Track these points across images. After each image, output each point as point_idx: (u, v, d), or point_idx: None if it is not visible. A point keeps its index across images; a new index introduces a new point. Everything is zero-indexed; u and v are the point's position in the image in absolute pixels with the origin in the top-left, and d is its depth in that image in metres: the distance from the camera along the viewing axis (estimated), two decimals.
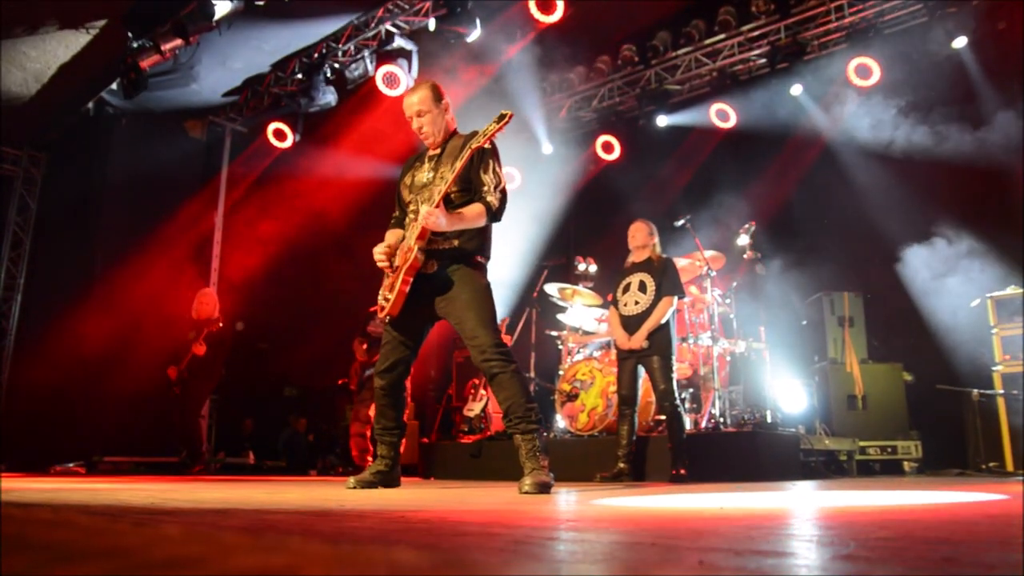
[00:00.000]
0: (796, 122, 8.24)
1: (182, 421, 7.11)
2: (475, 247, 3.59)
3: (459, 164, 3.43)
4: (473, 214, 3.49)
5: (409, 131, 3.78)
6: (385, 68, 8.25)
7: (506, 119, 3.36)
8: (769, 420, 6.18)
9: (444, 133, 3.71)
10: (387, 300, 3.55)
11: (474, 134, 3.53)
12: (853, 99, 7.97)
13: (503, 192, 3.56)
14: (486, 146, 3.44)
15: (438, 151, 3.70)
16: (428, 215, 3.38)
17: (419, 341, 3.73)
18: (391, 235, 3.73)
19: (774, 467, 5.44)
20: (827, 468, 6.43)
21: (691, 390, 6.25)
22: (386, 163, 8.99)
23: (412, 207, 3.65)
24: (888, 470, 6.78)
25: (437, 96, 3.70)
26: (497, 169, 3.58)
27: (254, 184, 9.95)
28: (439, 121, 3.69)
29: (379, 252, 3.62)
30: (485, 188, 3.52)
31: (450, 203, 3.53)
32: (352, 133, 9.18)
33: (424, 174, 3.67)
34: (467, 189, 3.53)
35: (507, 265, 8.58)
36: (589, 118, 9.86)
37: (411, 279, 3.49)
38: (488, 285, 3.58)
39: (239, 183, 9.92)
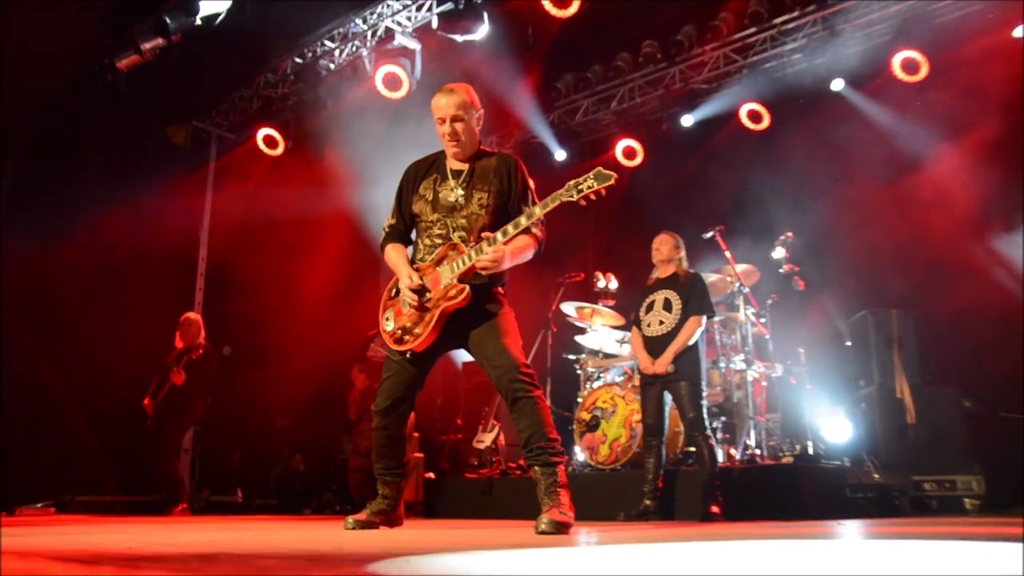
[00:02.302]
0: (837, 121, 8.22)
1: (155, 458, 7.09)
2: (499, 279, 3.59)
3: (540, 211, 3.36)
4: (524, 249, 3.49)
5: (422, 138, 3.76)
6: (386, 68, 8.29)
7: (608, 182, 3.31)
8: (811, 452, 6.14)
9: (473, 146, 3.68)
10: (410, 334, 3.50)
11: (506, 157, 3.56)
12: (898, 95, 7.94)
13: (543, 226, 3.56)
14: (560, 196, 3.36)
15: (464, 167, 3.65)
16: (496, 259, 3.34)
17: (427, 373, 3.71)
18: (397, 253, 3.67)
19: (818, 504, 5.39)
20: (877, 506, 6.34)
21: (723, 419, 6.24)
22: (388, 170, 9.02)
23: (439, 230, 3.59)
24: (947, 508, 6.67)
25: (473, 103, 3.67)
26: (534, 194, 3.58)
27: (244, 195, 9.99)
28: (472, 131, 3.66)
29: (411, 289, 3.51)
30: (528, 216, 3.46)
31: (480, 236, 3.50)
32: (349, 139, 9.21)
33: (451, 192, 3.60)
34: (503, 218, 3.51)
35: (519, 283, 8.54)
36: (608, 121, 9.88)
37: (448, 315, 3.47)
38: (510, 311, 3.58)
39: (227, 194, 9.97)
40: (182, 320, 7.54)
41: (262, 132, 9.36)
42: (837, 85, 8.19)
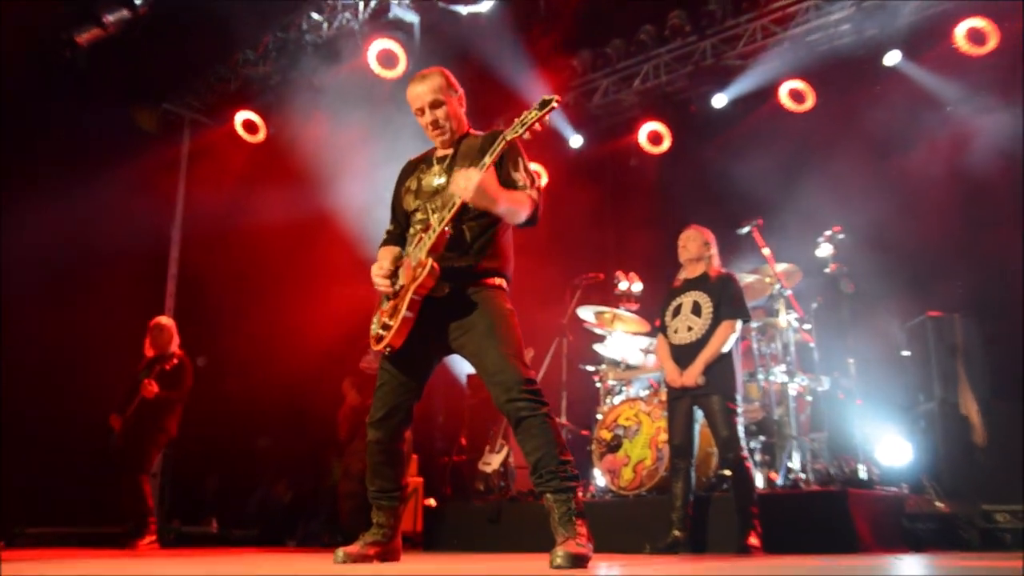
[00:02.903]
0: (891, 101, 8.13)
1: (121, 483, 7.05)
2: (497, 266, 3.62)
3: (489, 159, 3.42)
4: (518, 201, 3.51)
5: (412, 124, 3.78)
6: (380, 44, 8.26)
7: (550, 106, 3.37)
8: (863, 476, 6.11)
9: (461, 129, 3.76)
10: (386, 328, 3.53)
11: (495, 134, 3.57)
12: (963, 69, 7.85)
13: (539, 191, 3.60)
14: (522, 137, 3.45)
15: (449, 151, 3.74)
16: (485, 181, 3.32)
17: (423, 381, 3.73)
18: (386, 253, 3.74)
19: (871, 536, 5.35)
20: (941, 539, 6.26)
21: (762, 438, 6.27)
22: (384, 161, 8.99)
23: (420, 215, 3.68)
24: (1022, 542, 6.58)
25: (451, 84, 3.75)
26: (529, 168, 3.63)
27: (220, 188, 9.98)
28: (456, 114, 3.75)
29: (379, 274, 3.62)
30: (520, 184, 3.56)
31: (465, 217, 3.55)
32: (343, 121, 9.18)
33: (433, 178, 3.70)
34: None
35: (528, 283, 8.50)
36: (630, 102, 9.84)
37: (421, 300, 3.48)
38: (512, 312, 3.59)
39: (202, 186, 9.96)
40: (152, 325, 7.54)
41: (241, 116, 9.37)
42: (892, 59, 8.10)
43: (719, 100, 8.97)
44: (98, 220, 8.71)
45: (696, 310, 5.37)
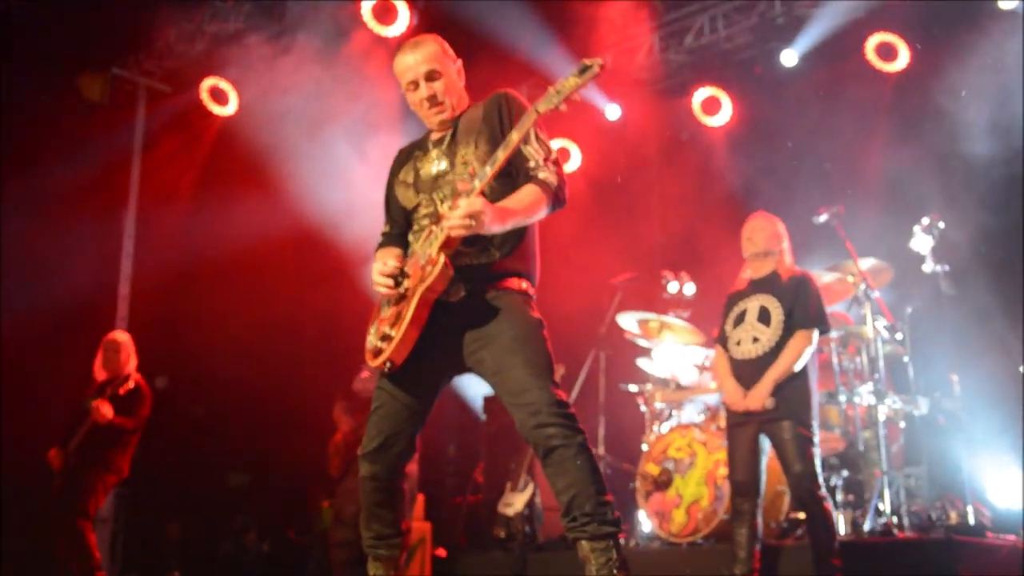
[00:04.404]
0: (1005, 56, 8.03)
1: (62, 530, 7.07)
2: (520, 266, 3.62)
3: (516, 136, 3.38)
4: (528, 202, 3.49)
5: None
6: None
7: (592, 71, 3.32)
8: (972, 520, 6.04)
9: (462, 104, 3.78)
10: (386, 339, 3.52)
11: (498, 99, 3.62)
12: None
13: (558, 165, 3.58)
14: (559, 109, 3.39)
15: (446, 132, 3.75)
16: (468, 211, 3.30)
17: (429, 404, 3.72)
18: (385, 256, 3.75)
19: None
20: None
21: (845, 473, 6.26)
22: (383, 134, 9.02)
23: (424, 209, 3.69)
24: None
25: (447, 51, 3.76)
26: (542, 136, 3.62)
27: (183, 172, 10.03)
28: (455, 86, 3.77)
29: (382, 272, 3.59)
30: (531, 164, 3.54)
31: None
32: (327, 86, 9.20)
33: (432, 164, 3.71)
34: (505, 175, 3.54)
35: (559, 286, 8.50)
36: (681, 62, 9.81)
37: (431, 305, 3.47)
38: (540, 322, 3.58)
39: (161, 168, 10.01)
40: (105, 342, 7.55)
41: (208, 83, 9.39)
42: (1008, 2, 8.00)
43: (789, 58, 8.91)
44: (35, 209, 8.75)
45: (764, 317, 5.36)
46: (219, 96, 9.43)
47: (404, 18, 8.35)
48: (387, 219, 3.93)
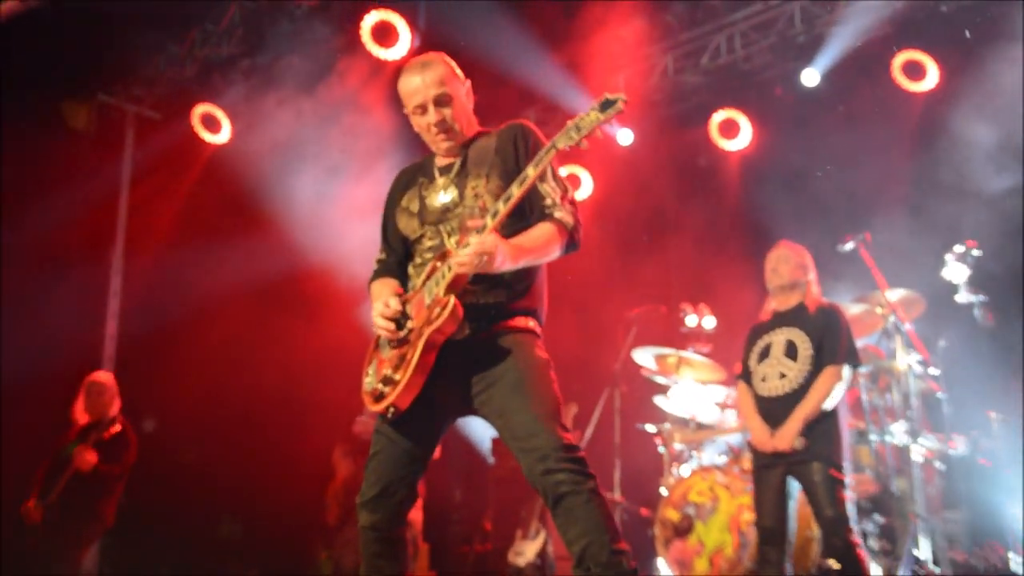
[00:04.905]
0: None
1: None
2: (528, 304, 3.63)
3: (532, 172, 3.37)
4: (542, 241, 3.51)
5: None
6: (377, 15, 8.33)
7: (615, 107, 3.30)
8: (1016, 568, 6.04)
9: (471, 130, 3.78)
10: (390, 383, 3.52)
11: (513, 130, 3.63)
12: None
13: (575, 205, 3.60)
14: (579, 147, 3.38)
15: (454, 160, 3.75)
16: (482, 252, 3.30)
17: (431, 448, 3.73)
18: (383, 288, 3.77)
19: None
20: None
21: (878, 518, 6.24)
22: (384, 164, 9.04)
23: (429, 242, 3.68)
24: None
25: (456, 73, 3.76)
26: (558, 174, 3.64)
27: (174, 204, 10.05)
28: (465, 111, 3.76)
29: (384, 314, 3.57)
30: (547, 202, 3.55)
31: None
32: (325, 111, 9.23)
33: (440, 194, 3.71)
34: (518, 211, 3.53)
35: (569, 319, 8.50)
36: (697, 84, 9.83)
37: (437, 349, 3.46)
38: (547, 361, 3.58)
39: (150, 199, 10.02)
40: (87, 383, 7.55)
41: (199, 110, 9.42)
42: None
43: (810, 77, 8.92)
44: (18, 243, 8.76)
45: (791, 352, 5.36)
46: (211, 123, 9.45)
47: (405, 40, 8.37)
48: (384, 246, 3.92)
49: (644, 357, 7.29)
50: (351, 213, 8.87)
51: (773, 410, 5.30)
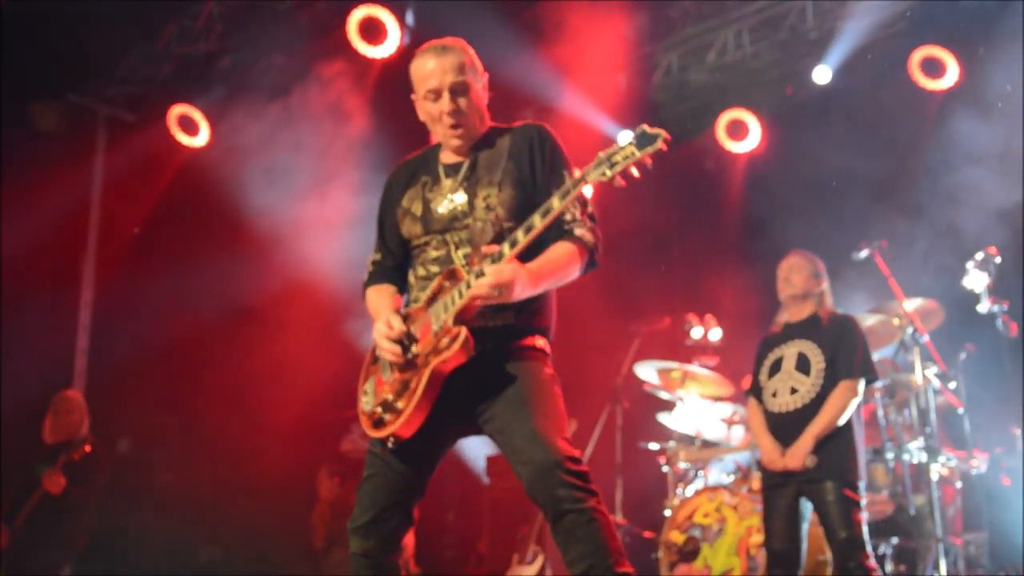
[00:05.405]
0: None
1: None
2: (537, 323, 3.62)
3: (558, 203, 3.30)
4: (561, 263, 3.51)
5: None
6: (364, 11, 8.34)
7: (655, 144, 3.25)
8: None
9: (482, 126, 3.75)
10: (392, 411, 3.50)
11: (527, 131, 3.63)
12: None
13: (595, 221, 3.61)
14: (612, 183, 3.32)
15: (462, 160, 3.72)
16: (500, 283, 3.27)
17: (430, 472, 3.70)
18: (381, 298, 3.75)
19: None
20: None
21: (895, 540, 6.26)
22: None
23: (435, 252, 3.65)
24: None
25: (474, 62, 3.72)
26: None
27: (147, 209, 10.03)
28: (480, 105, 3.72)
29: (388, 336, 3.51)
30: (567, 218, 3.50)
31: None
32: (310, 112, 9.23)
33: (446, 198, 3.66)
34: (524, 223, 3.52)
35: (571, 331, 8.48)
36: (703, 83, 9.84)
37: (444, 379, 3.43)
38: (553, 377, 3.59)
39: (123, 205, 10.00)
40: (55, 401, 7.55)
41: (176, 111, 9.42)
42: None
43: (822, 75, 8.93)
44: None
45: (803, 366, 5.37)
46: (188, 125, 9.44)
47: (394, 38, 8.36)
48: (380, 246, 3.88)
49: (647, 371, 7.31)
50: (333, 224, 8.87)
51: (784, 427, 5.32)
